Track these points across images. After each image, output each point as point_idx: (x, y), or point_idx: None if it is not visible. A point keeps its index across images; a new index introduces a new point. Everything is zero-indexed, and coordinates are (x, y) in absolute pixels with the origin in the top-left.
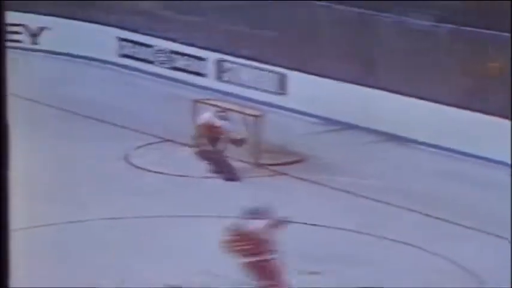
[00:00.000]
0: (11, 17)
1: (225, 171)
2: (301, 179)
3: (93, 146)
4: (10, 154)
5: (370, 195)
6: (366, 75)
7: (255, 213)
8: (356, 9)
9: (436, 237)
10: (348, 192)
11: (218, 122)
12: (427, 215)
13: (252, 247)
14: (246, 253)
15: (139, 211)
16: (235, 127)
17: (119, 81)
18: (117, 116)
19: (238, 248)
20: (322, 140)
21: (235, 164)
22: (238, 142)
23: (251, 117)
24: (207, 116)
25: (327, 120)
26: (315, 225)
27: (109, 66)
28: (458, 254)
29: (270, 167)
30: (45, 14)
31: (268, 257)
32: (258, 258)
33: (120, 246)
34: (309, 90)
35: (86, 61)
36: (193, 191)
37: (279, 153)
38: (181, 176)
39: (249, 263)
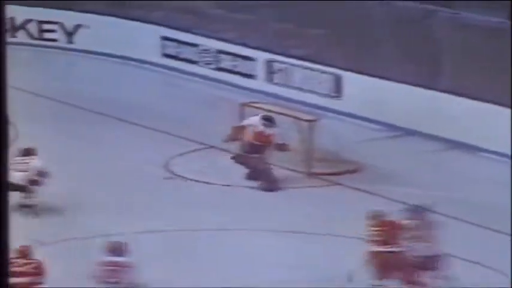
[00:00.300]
0: (46, 14)
1: (263, 179)
2: (357, 189)
3: (132, 153)
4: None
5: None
6: (429, 77)
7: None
8: (417, 5)
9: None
10: (407, 204)
11: (266, 130)
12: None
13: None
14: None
15: (179, 223)
16: (283, 133)
17: (161, 83)
18: (158, 121)
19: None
20: (380, 148)
21: (285, 173)
22: (281, 147)
23: (303, 123)
24: (253, 121)
25: (386, 126)
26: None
27: (150, 66)
28: None
29: (322, 177)
30: (82, 11)
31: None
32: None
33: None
34: (367, 93)
35: (126, 61)
36: (239, 202)
37: (332, 161)
38: (225, 185)
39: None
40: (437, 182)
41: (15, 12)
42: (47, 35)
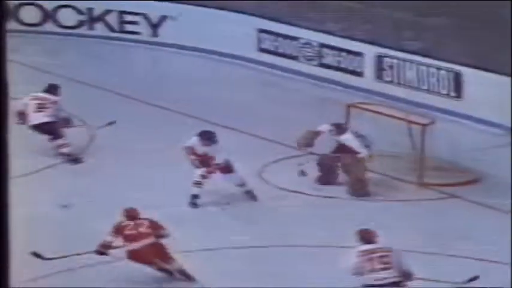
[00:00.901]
0: (128, 4)
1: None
2: (478, 203)
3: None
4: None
5: None
6: None
7: None
8: None
9: None
10: None
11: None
12: None
13: None
14: None
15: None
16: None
17: (256, 81)
18: (253, 122)
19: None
20: (504, 156)
21: (393, 183)
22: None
23: (416, 126)
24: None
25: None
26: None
27: (245, 63)
28: None
29: (437, 188)
30: (167, 0)
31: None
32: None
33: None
34: (491, 93)
35: (217, 57)
36: (340, 216)
37: (449, 170)
38: (326, 197)
39: None
40: None
41: (93, 3)
42: (129, 27)
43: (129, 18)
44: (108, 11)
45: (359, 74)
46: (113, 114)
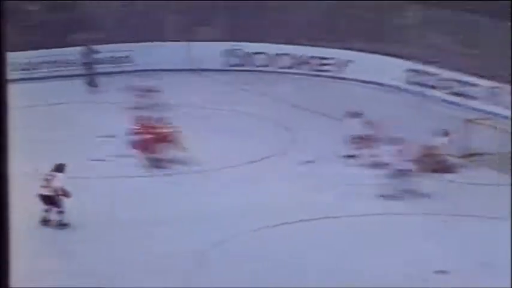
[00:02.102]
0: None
1: None
2: None
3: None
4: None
5: None
6: None
7: None
8: None
9: None
10: None
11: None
12: None
13: None
14: None
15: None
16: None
17: (405, 104)
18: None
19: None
20: None
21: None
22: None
23: None
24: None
25: None
26: None
27: (398, 91)
28: None
29: None
30: (350, 49)
31: None
32: None
33: None
34: None
35: (380, 87)
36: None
37: None
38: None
39: None
40: None
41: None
42: (325, 68)
43: (325, 61)
44: (312, 57)
45: (476, 98)
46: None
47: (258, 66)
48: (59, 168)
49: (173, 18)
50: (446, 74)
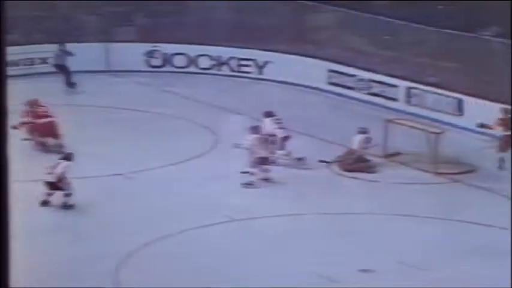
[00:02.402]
0: (243, 53)
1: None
2: (473, 185)
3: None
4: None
5: None
6: None
7: None
8: None
9: None
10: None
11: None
12: None
13: None
14: None
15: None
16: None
17: (326, 104)
18: (322, 131)
19: None
20: (491, 154)
21: (417, 172)
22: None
23: (433, 134)
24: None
25: (495, 138)
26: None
27: (319, 92)
28: None
29: (446, 175)
30: (269, 50)
31: None
32: None
33: None
34: (482, 112)
35: (301, 88)
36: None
37: (454, 164)
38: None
39: None
40: None
41: (220, 52)
42: (245, 69)
43: (244, 62)
44: (231, 58)
45: (395, 99)
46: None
47: (178, 68)
48: (67, 156)
49: (92, 19)
50: (365, 75)
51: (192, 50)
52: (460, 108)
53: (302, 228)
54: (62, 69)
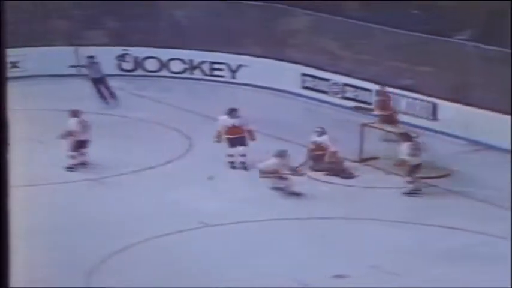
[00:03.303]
0: (216, 57)
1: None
2: (448, 190)
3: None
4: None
5: (505, 205)
6: (506, 104)
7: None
8: (499, 48)
9: None
10: (487, 202)
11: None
12: None
13: None
14: None
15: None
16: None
17: (300, 108)
18: (295, 134)
19: None
20: (466, 159)
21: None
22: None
23: None
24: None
25: (471, 142)
26: (455, 228)
27: (292, 96)
28: None
29: (422, 180)
30: (243, 54)
31: None
32: None
33: None
34: (457, 117)
35: (274, 92)
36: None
37: (429, 168)
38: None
39: None
40: (508, 185)
41: (192, 56)
42: (216, 72)
43: (217, 66)
44: (203, 62)
45: (369, 103)
46: (203, 129)
47: (150, 71)
48: (74, 113)
49: (61, 22)
50: (339, 78)
51: (164, 53)
52: (434, 113)
53: (276, 233)
54: (99, 82)
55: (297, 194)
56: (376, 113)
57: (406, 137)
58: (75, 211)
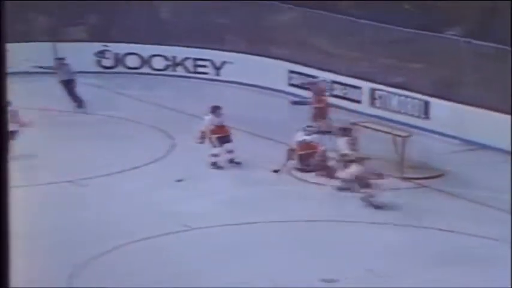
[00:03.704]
0: (200, 53)
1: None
2: (441, 191)
3: (264, 161)
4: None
5: (500, 207)
6: (500, 102)
7: None
8: (493, 44)
9: None
10: (480, 203)
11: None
12: None
13: None
14: None
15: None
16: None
17: (287, 106)
18: (281, 133)
19: None
20: (459, 158)
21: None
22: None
23: (399, 138)
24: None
25: (464, 141)
26: (451, 231)
27: (279, 94)
28: None
29: (413, 181)
30: (227, 50)
31: None
32: None
33: None
34: (449, 115)
35: (260, 89)
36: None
37: (421, 168)
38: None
39: None
40: (501, 185)
41: (175, 52)
42: (200, 69)
43: (200, 63)
44: (186, 58)
45: (358, 101)
46: (186, 128)
47: (131, 68)
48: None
49: (40, 18)
50: (327, 76)
51: (146, 50)
52: (426, 111)
53: (261, 236)
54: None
55: (380, 207)
56: (311, 105)
57: (344, 131)
58: (51, 215)
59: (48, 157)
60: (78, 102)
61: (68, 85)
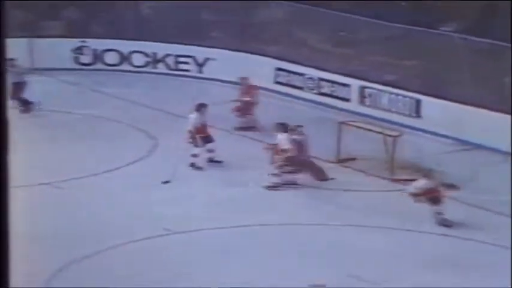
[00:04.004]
0: (181, 49)
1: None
2: None
3: (246, 161)
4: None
5: (497, 210)
6: (496, 101)
7: None
8: (489, 41)
9: None
10: (469, 204)
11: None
12: None
13: None
14: None
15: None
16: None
17: (273, 105)
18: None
19: None
20: (452, 159)
21: (372, 179)
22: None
23: (390, 137)
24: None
25: (458, 141)
26: (445, 235)
27: (265, 92)
28: None
29: (404, 182)
30: (210, 47)
31: None
32: None
33: None
34: (442, 114)
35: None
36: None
37: (412, 169)
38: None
39: None
40: (499, 187)
41: (156, 48)
42: (182, 66)
43: (182, 59)
44: (167, 55)
45: (347, 100)
46: (168, 127)
47: (109, 65)
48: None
49: (15, 12)
50: (315, 73)
51: (125, 46)
52: (417, 109)
53: (247, 240)
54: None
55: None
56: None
57: (282, 128)
58: (27, 219)
59: (23, 158)
60: (25, 106)
61: (16, 87)
